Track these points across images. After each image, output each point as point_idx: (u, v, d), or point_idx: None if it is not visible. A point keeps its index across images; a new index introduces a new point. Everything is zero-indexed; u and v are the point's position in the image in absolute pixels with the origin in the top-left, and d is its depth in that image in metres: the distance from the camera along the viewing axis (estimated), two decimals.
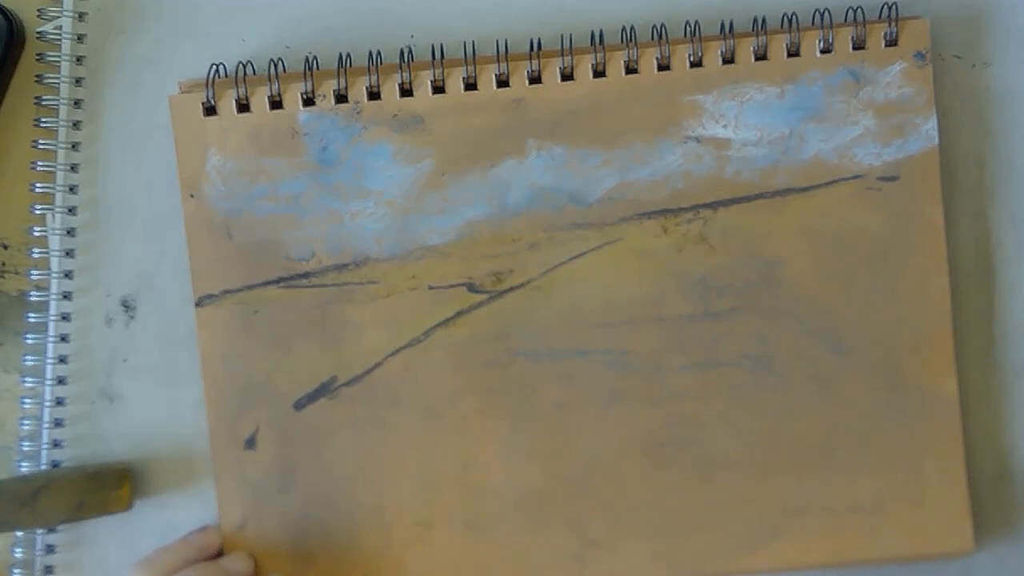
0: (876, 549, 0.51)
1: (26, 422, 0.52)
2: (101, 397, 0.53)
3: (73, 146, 0.52)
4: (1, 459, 0.53)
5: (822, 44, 0.50)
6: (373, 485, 0.51)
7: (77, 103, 0.52)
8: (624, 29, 0.51)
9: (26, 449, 0.52)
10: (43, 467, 0.52)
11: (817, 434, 0.51)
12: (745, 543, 0.51)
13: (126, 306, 0.53)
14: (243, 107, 0.51)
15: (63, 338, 0.52)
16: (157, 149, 0.52)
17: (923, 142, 0.51)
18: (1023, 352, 0.52)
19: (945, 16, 0.52)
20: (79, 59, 0.52)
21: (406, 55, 0.51)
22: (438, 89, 0.51)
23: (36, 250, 0.52)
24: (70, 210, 0.52)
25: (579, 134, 0.51)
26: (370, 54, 0.51)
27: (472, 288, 0.51)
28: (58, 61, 0.52)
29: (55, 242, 0.52)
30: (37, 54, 0.52)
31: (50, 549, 0.53)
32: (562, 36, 0.51)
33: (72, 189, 0.52)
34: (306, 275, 0.51)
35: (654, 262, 0.51)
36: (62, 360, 0.52)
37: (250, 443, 0.51)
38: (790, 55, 0.50)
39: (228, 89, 0.50)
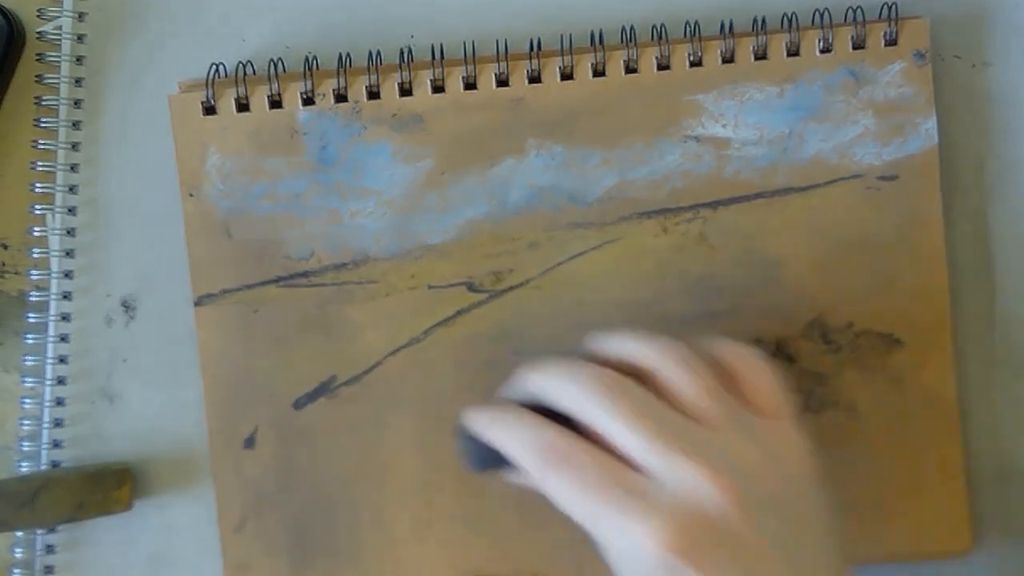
0: (874, 548, 0.51)
1: (26, 422, 0.52)
2: (101, 397, 0.53)
3: (73, 146, 0.52)
4: (1, 459, 0.53)
5: (822, 44, 0.50)
6: (373, 484, 0.51)
7: (77, 103, 0.52)
8: (624, 29, 0.51)
9: (26, 449, 0.52)
10: (43, 467, 0.52)
11: (815, 433, 0.51)
12: None
13: (126, 306, 0.53)
14: (243, 107, 0.51)
15: (63, 338, 0.52)
16: (157, 149, 0.52)
17: (923, 142, 0.51)
18: (1023, 352, 0.52)
19: (945, 16, 0.52)
20: (79, 59, 0.52)
21: (406, 55, 0.51)
22: (438, 89, 0.51)
23: (36, 250, 0.52)
24: (70, 210, 0.52)
25: (579, 134, 0.51)
26: (370, 54, 0.51)
27: (472, 287, 0.51)
28: (58, 61, 0.52)
29: (55, 242, 0.52)
30: (37, 54, 0.52)
31: (50, 549, 0.53)
32: (562, 36, 0.51)
33: (72, 189, 0.52)
34: (305, 274, 0.51)
35: (654, 261, 0.51)
36: (62, 360, 0.52)
37: (249, 442, 0.51)
38: (790, 55, 0.50)
39: (228, 89, 0.50)
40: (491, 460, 0.44)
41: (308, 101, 0.51)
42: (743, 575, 0.38)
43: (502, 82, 0.51)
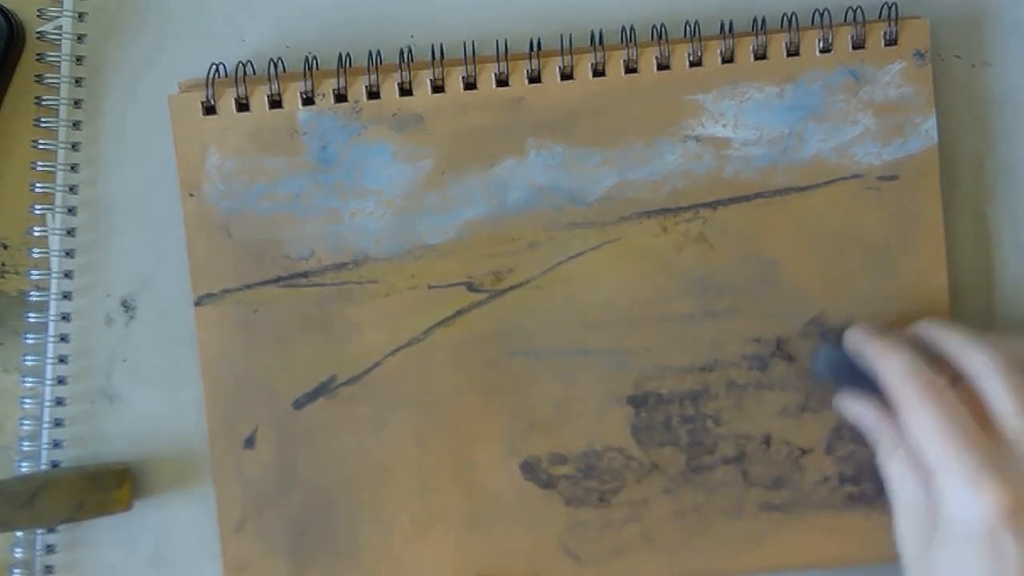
0: (875, 548, 0.51)
1: (26, 422, 0.52)
2: (101, 397, 0.53)
3: (73, 146, 0.52)
4: (1, 459, 0.53)
5: (822, 44, 0.50)
6: (372, 485, 0.51)
7: (77, 103, 0.52)
8: (624, 29, 0.51)
9: (26, 449, 0.52)
10: (43, 467, 0.52)
11: (816, 433, 0.51)
12: (744, 542, 0.51)
13: (126, 306, 0.53)
14: (243, 106, 0.51)
15: (63, 338, 0.52)
16: (157, 149, 0.52)
17: (922, 141, 0.51)
18: None
19: (945, 16, 0.52)
20: (79, 59, 0.52)
21: (406, 55, 0.51)
22: (438, 88, 0.51)
23: (36, 250, 0.52)
24: (70, 210, 0.52)
25: (579, 133, 0.51)
26: (370, 54, 0.51)
27: (472, 287, 0.51)
28: (58, 61, 0.52)
29: (55, 242, 0.52)
30: (37, 54, 0.52)
31: (50, 549, 0.53)
32: (562, 36, 0.51)
33: (72, 189, 0.52)
34: (305, 274, 0.51)
35: (654, 261, 0.51)
36: (62, 360, 0.52)
37: (249, 442, 0.51)
38: (790, 55, 0.50)
39: (228, 89, 0.50)
40: (844, 373, 0.47)
41: (308, 101, 0.51)
42: None
43: (502, 82, 0.51)
